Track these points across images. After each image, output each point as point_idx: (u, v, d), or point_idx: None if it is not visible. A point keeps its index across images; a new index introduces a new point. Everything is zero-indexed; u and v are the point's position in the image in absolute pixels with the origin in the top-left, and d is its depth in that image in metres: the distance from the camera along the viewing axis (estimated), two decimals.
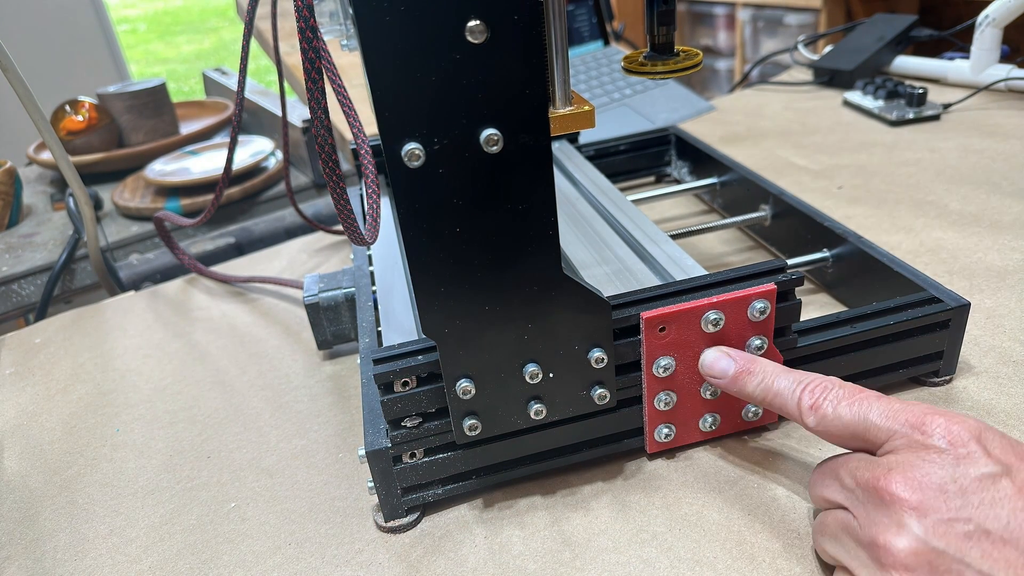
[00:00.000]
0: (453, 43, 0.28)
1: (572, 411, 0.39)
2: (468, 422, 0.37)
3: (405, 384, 0.38)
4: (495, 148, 0.30)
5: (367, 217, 0.42)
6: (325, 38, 0.47)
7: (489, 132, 0.30)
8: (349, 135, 0.94)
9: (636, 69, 0.41)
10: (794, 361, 0.43)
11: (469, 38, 0.28)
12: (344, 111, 0.44)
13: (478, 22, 0.28)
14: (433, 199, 0.31)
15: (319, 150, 0.31)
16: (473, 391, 0.36)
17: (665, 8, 0.40)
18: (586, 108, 0.33)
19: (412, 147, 0.30)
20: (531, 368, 0.36)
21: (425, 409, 0.38)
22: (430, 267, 0.33)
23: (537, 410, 0.38)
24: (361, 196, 0.68)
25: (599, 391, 0.38)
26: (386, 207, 0.64)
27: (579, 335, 0.36)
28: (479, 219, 0.32)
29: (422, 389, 0.38)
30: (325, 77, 0.43)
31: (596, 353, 0.37)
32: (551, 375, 0.37)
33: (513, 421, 0.38)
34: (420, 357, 0.38)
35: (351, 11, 0.28)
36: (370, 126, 0.94)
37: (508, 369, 0.36)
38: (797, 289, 0.41)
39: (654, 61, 0.41)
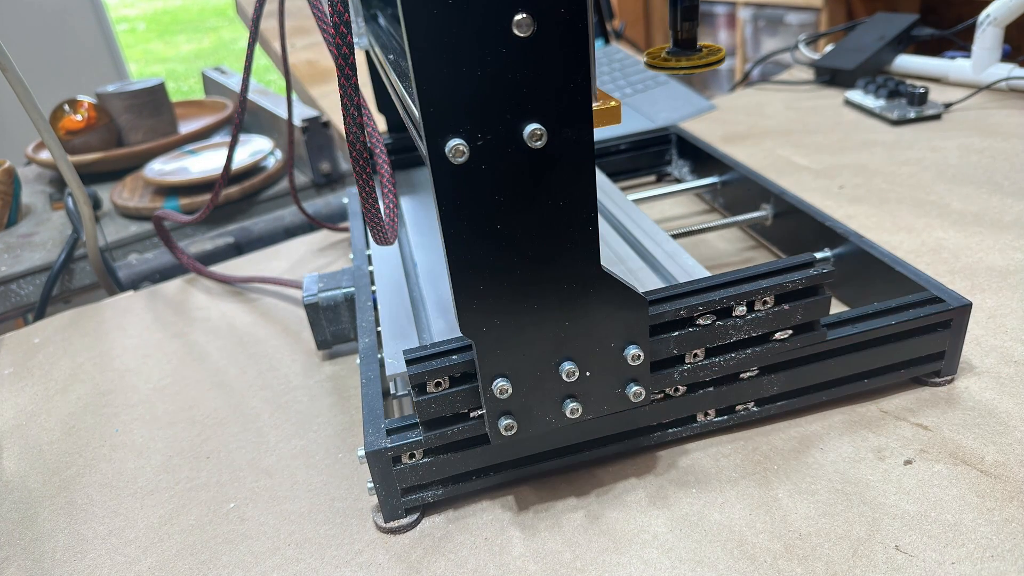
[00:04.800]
0: (500, 37, 0.28)
1: (607, 409, 0.38)
2: (504, 422, 0.37)
3: (438, 385, 0.37)
4: (539, 143, 0.30)
5: (384, 217, 0.42)
6: None
7: (533, 127, 0.30)
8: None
9: (660, 64, 0.41)
10: (797, 360, 0.43)
11: (516, 32, 0.28)
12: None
13: (525, 15, 0.28)
14: (475, 196, 0.31)
15: (350, 148, 0.31)
16: (510, 390, 0.36)
17: (689, 4, 0.40)
18: (612, 104, 0.33)
19: (456, 143, 0.29)
20: (568, 366, 0.36)
21: (458, 410, 0.38)
22: (470, 265, 0.32)
23: (572, 408, 0.37)
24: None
25: (634, 388, 0.38)
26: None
27: (616, 332, 0.36)
28: (520, 216, 0.32)
29: (456, 389, 0.38)
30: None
31: (632, 350, 0.37)
32: (587, 373, 0.37)
33: (548, 420, 0.38)
34: (455, 357, 0.38)
35: (399, 7, 0.27)
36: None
37: (545, 367, 0.36)
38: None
39: (677, 56, 0.41)
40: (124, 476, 0.48)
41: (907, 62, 1.00)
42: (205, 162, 0.96)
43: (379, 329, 0.48)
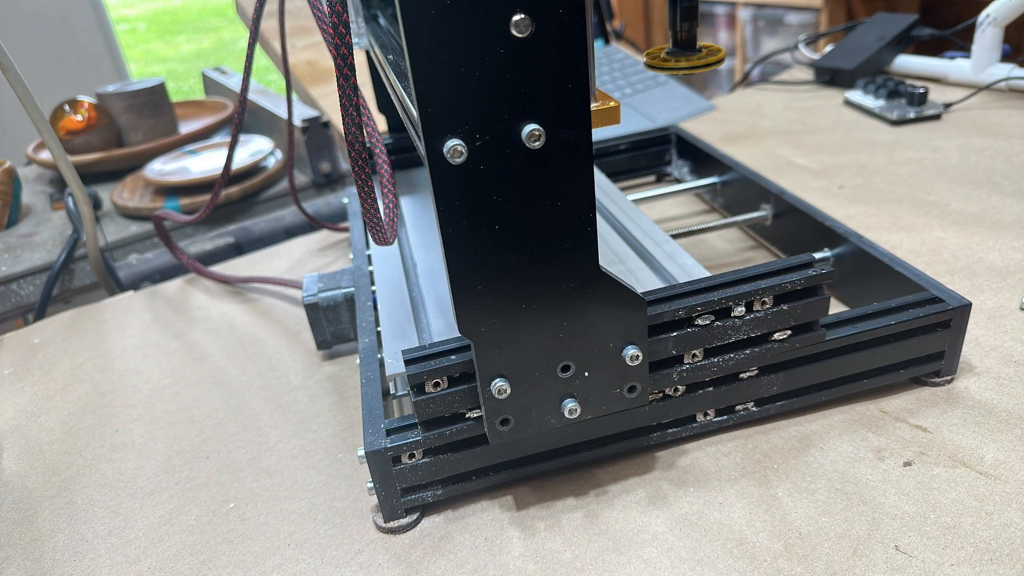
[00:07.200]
0: (498, 37, 0.28)
1: (605, 409, 0.38)
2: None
3: (436, 385, 0.37)
4: (537, 144, 0.30)
5: (384, 217, 0.42)
6: None
7: (532, 128, 0.30)
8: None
9: (659, 65, 0.41)
10: (797, 361, 0.43)
11: (514, 32, 0.28)
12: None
13: (523, 16, 0.28)
14: (473, 196, 0.31)
15: (349, 148, 0.30)
16: (508, 391, 0.36)
17: (688, 4, 0.40)
18: (611, 104, 0.33)
19: (455, 144, 0.29)
20: (566, 366, 0.36)
21: (457, 410, 0.38)
22: (468, 265, 0.32)
23: (571, 408, 0.37)
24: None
25: (633, 388, 0.38)
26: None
27: (615, 332, 0.36)
28: (519, 216, 0.32)
29: (454, 390, 0.38)
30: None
31: (631, 350, 0.37)
32: (586, 373, 0.37)
33: (547, 420, 0.38)
34: (453, 357, 0.38)
35: (397, 7, 0.27)
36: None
37: (543, 368, 0.36)
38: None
39: (677, 57, 0.41)
40: (124, 476, 0.48)
41: (907, 62, 1.00)
42: (205, 162, 0.96)
43: (379, 329, 0.48)
